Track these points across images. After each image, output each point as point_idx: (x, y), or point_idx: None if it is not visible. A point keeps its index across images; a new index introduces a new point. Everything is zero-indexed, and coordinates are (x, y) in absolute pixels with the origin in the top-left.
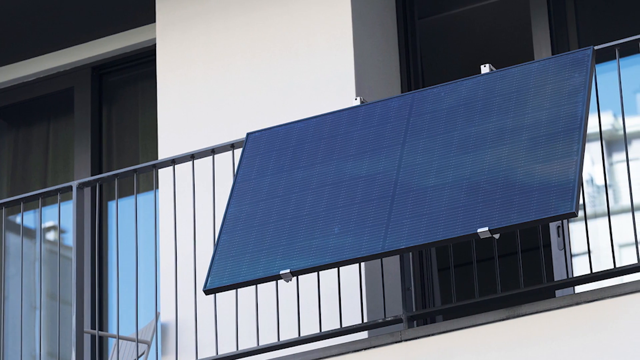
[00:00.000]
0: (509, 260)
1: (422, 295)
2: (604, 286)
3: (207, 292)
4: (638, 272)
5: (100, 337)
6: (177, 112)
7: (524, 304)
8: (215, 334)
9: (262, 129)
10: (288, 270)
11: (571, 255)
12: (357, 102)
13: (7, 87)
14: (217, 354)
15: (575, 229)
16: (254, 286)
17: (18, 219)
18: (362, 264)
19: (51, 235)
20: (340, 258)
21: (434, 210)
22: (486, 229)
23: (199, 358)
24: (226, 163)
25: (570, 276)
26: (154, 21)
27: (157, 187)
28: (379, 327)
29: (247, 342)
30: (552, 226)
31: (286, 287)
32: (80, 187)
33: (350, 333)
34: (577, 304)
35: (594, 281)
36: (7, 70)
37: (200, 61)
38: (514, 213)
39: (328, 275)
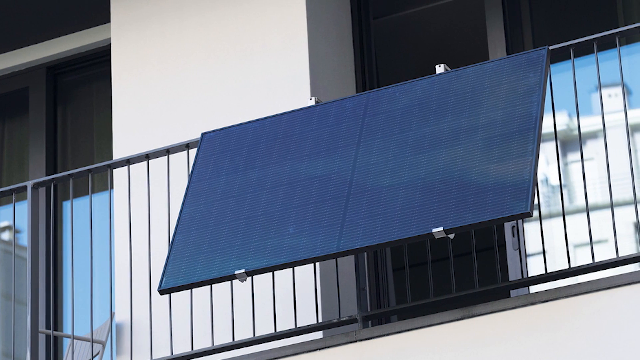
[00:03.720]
0: (464, 260)
1: (377, 295)
2: (558, 286)
3: (162, 292)
4: (593, 272)
5: (55, 337)
6: (132, 112)
7: (479, 304)
8: (170, 334)
9: (217, 129)
10: (243, 270)
11: (526, 255)
12: (312, 102)
13: None
14: (171, 354)
15: (530, 229)
16: (208, 286)
17: None
18: (317, 264)
19: (6, 235)
20: (295, 258)
21: (389, 210)
22: (441, 229)
23: (153, 358)
24: (181, 163)
25: (525, 276)
26: (109, 21)
27: (112, 187)
28: (334, 327)
29: (202, 342)
30: (507, 226)
31: (241, 287)
32: (35, 187)
33: (305, 333)
34: (532, 304)
35: (549, 281)
36: None
37: (155, 61)
38: (468, 213)
39: (283, 275)
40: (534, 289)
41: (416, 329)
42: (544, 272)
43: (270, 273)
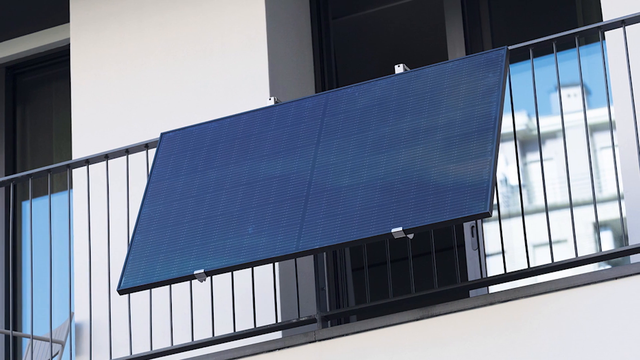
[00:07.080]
0: (423, 260)
1: (336, 295)
2: (517, 286)
3: (121, 292)
4: (552, 272)
5: (15, 337)
6: (91, 112)
7: (438, 304)
8: (129, 334)
9: (176, 129)
10: (202, 270)
11: (485, 255)
12: (271, 102)
13: None
14: (131, 354)
15: (489, 229)
16: (168, 286)
17: None
18: (276, 264)
19: None
20: (254, 258)
21: (348, 210)
22: (400, 229)
23: (113, 358)
24: (140, 163)
25: (484, 276)
26: (68, 21)
27: (71, 187)
28: (293, 327)
29: (161, 342)
30: (466, 226)
31: (200, 287)
32: None
33: (264, 333)
34: (491, 304)
35: (508, 281)
36: None
37: (114, 61)
38: (428, 213)
39: (242, 275)
40: (493, 289)
41: (375, 329)
42: (503, 272)
43: (230, 273)
